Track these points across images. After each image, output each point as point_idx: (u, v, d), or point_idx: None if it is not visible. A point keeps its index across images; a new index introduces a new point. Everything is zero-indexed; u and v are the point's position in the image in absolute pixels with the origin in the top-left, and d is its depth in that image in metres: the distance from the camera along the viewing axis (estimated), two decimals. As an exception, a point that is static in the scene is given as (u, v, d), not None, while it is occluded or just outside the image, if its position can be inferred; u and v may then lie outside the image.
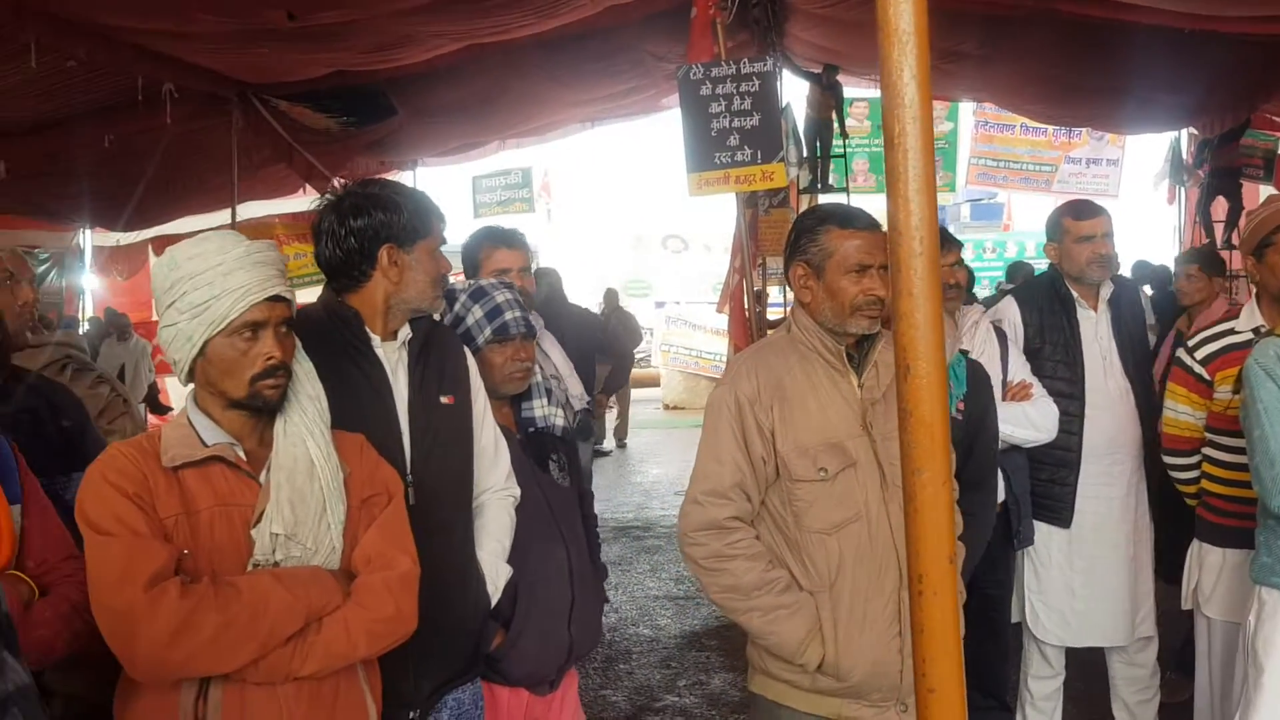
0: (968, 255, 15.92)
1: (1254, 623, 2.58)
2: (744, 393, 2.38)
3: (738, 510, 2.35)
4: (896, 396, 1.19)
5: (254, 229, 9.16)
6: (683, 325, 16.98)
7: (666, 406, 16.84)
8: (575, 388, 3.73)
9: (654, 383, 17.90)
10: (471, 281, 2.70)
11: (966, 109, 13.42)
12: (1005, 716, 3.64)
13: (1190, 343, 3.18)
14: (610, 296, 13.46)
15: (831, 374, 2.39)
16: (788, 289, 2.96)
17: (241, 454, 1.91)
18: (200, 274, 1.86)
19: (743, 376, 2.42)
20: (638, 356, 19.71)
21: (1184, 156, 10.82)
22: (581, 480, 2.91)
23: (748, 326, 6.24)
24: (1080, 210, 3.66)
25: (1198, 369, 3.12)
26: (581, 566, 2.64)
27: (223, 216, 9.05)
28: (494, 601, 2.38)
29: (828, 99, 9.81)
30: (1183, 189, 11.08)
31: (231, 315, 1.87)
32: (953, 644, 1.14)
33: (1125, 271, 10.72)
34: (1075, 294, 3.64)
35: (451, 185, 14.69)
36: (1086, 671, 4.12)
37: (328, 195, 2.37)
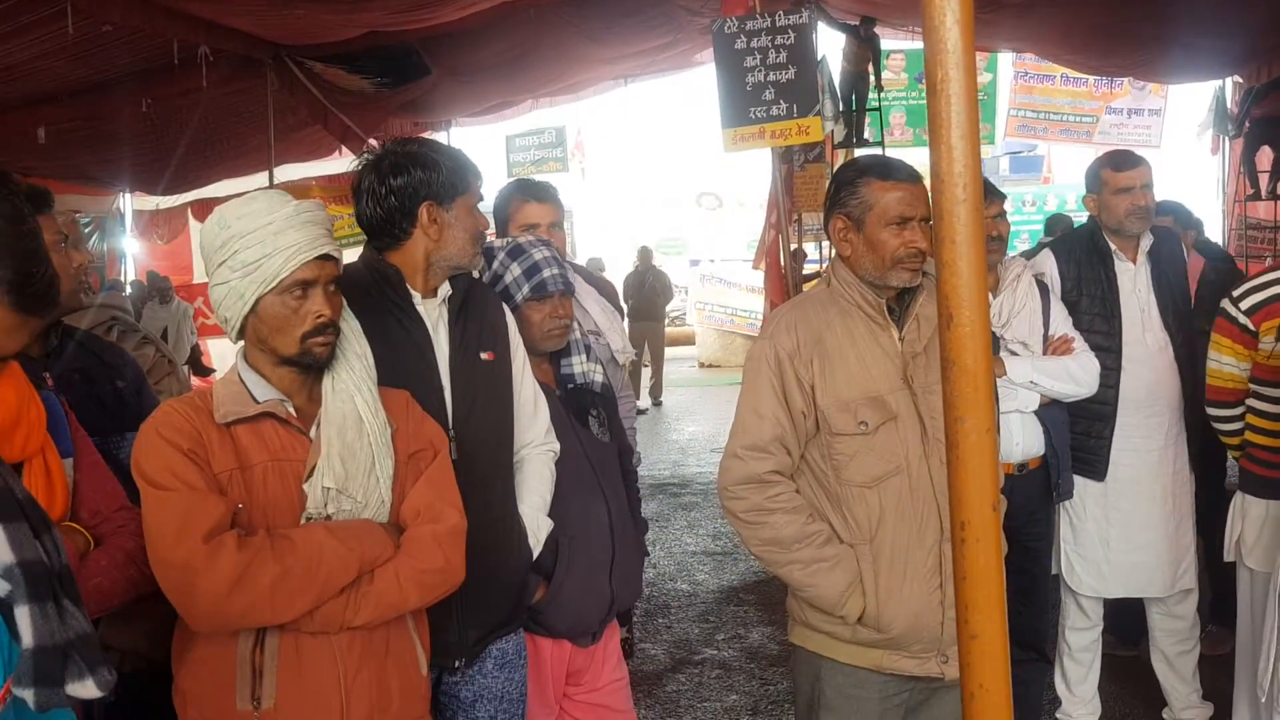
0: (1008, 208, 15.71)
1: None
2: (784, 347, 2.38)
3: (778, 464, 2.37)
4: (939, 345, 1.19)
5: (292, 191, 9.21)
6: (717, 283, 16.94)
7: (702, 364, 16.85)
8: (617, 342, 3.73)
9: (689, 341, 17.90)
10: (509, 239, 2.71)
11: (1005, 60, 13.20)
12: (1044, 668, 3.65)
13: (1235, 293, 3.14)
14: (644, 254, 13.44)
15: (872, 327, 2.39)
16: (823, 245, 2.96)
17: (292, 410, 1.95)
18: (251, 232, 1.89)
19: (782, 331, 2.42)
20: (673, 315, 19.72)
21: (1228, 105, 10.58)
22: (622, 435, 2.93)
23: (784, 283, 6.22)
24: (1119, 161, 3.61)
25: (1242, 319, 3.09)
26: (622, 520, 2.67)
27: (260, 179, 9.12)
28: (535, 554, 2.41)
29: (864, 51, 9.68)
30: (1227, 139, 10.85)
31: (283, 273, 1.90)
32: (995, 591, 1.15)
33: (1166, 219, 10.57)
34: (1114, 246, 3.60)
35: (485, 145, 14.67)
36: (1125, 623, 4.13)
37: (366, 154, 2.39)
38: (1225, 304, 3.17)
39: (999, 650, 1.15)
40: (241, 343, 2.00)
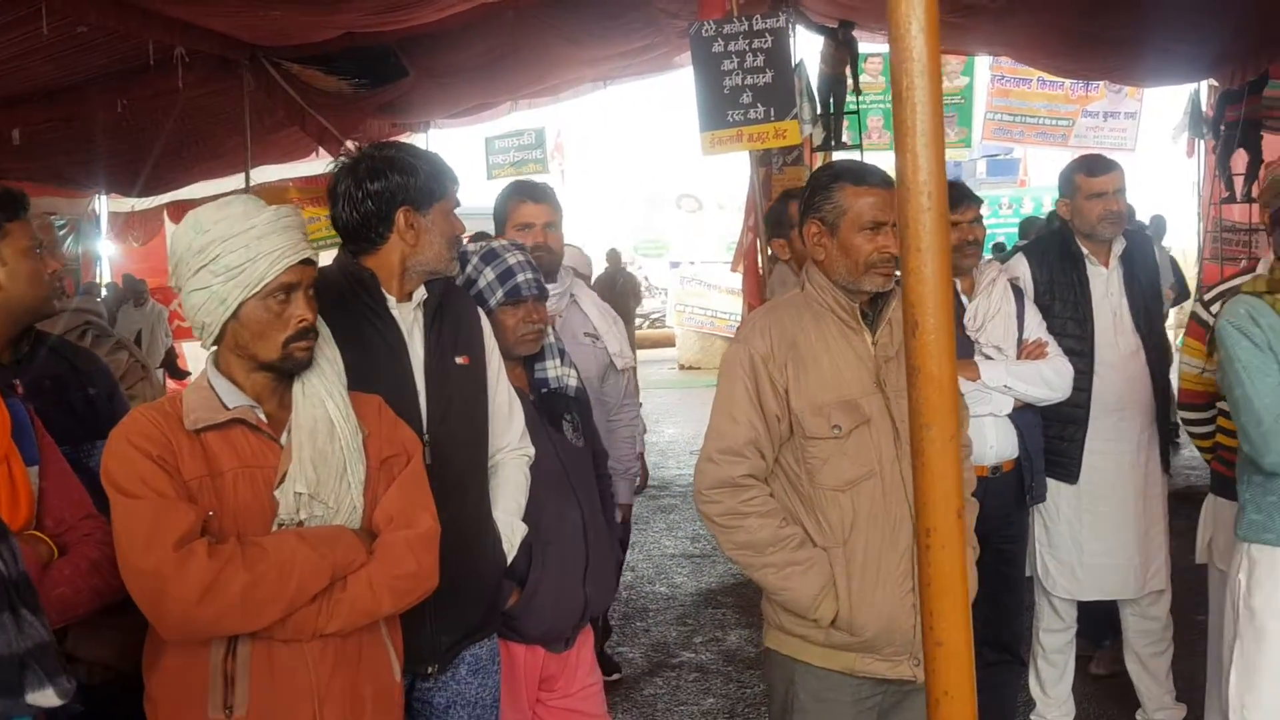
0: (984, 211, 15.81)
1: (1245, 581, 2.58)
2: (758, 351, 2.39)
3: (752, 468, 2.37)
4: (905, 353, 1.20)
5: (269, 193, 9.19)
6: (697, 285, 16.96)
7: (682, 366, 16.86)
8: (615, 345, 3.74)
9: (669, 343, 17.91)
10: (483, 244, 2.71)
11: (983, 64, 13.27)
12: (1019, 669, 3.67)
13: (1206, 296, 3.17)
14: (613, 256, 13.44)
15: (845, 331, 2.40)
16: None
17: (262, 416, 1.94)
18: (234, 236, 1.89)
19: (757, 334, 2.43)
20: (652, 316, 19.70)
21: (1203, 109, 10.68)
22: (596, 440, 2.94)
23: (761, 285, 6.23)
24: (1093, 166, 3.64)
25: (1213, 322, 3.12)
26: (595, 525, 2.67)
27: (236, 181, 9.08)
28: (510, 560, 2.41)
29: (842, 55, 9.72)
30: (1202, 142, 10.96)
31: (268, 277, 1.89)
32: (960, 598, 1.16)
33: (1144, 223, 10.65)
34: (1086, 250, 3.64)
35: (465, 147, 14.65)
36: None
37: (342, 158, 2.38)
38: (1196, 307, 3.20)
39: (964, 656, 1.16)
40: (211, 349, 1.99)
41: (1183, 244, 12.91)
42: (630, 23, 9.06)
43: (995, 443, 3.46)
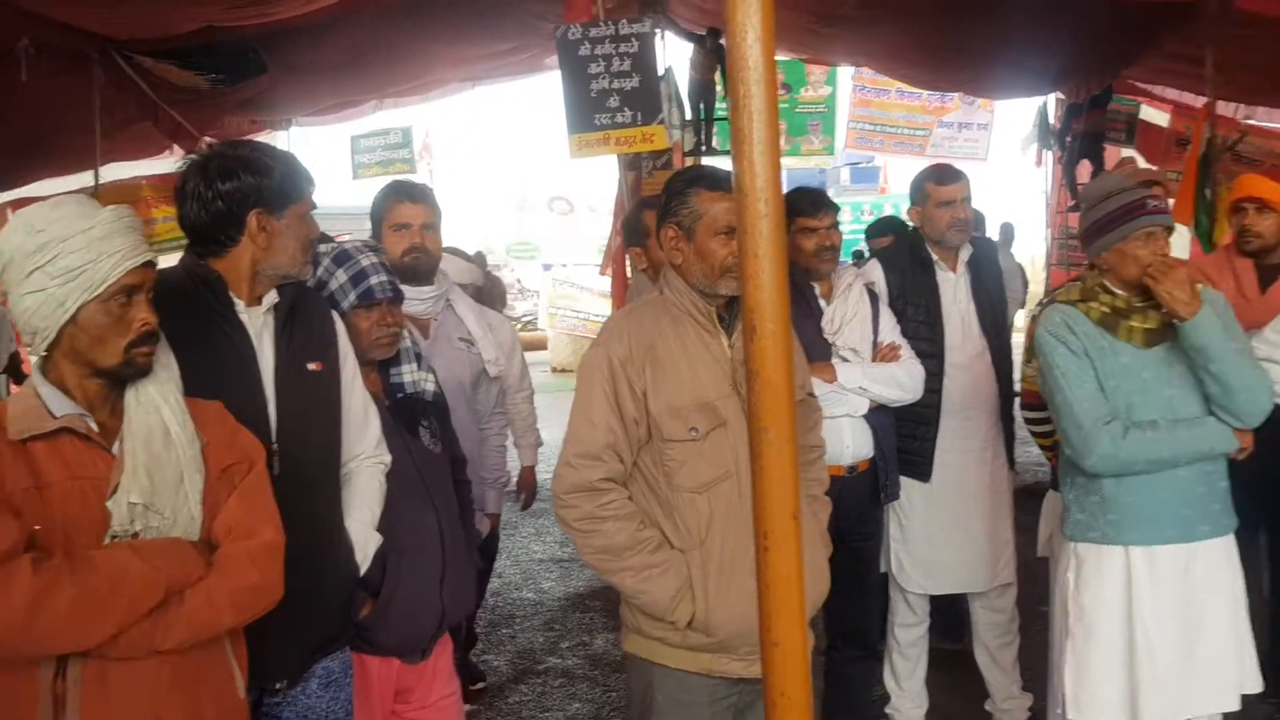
0: (846, 218, 16.22)
1: (1074, 579, 2.70)
2: (617, 354, 2.40)
3: (610, 471, 2.38)
4: (745, 357, 1.21)
5: (120, 191, 8.78)
6: (570, 288, 16.95)
7: (554, 369, 16.82)
8: (489, 351, 3.72)
9: (541, 345, 17.84)
10: (334, 245, 2.65)
11: (845, 74, 13.59)
12: (874, 664, 3.77)
13: (1044, 301, 3.32)
14: (479, 259, 13.31)
15: (702, 335, 2.43)
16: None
17: (93, 425, 1.85)
18: (72, 237, 1.80)
19: (615, 338, 2.43)
20: (525, 319, 19.57)
21: (1051, 121, 11.17)
22: (455, 446, 2.90)
23: (629, 289, 6.26)
24: (941, 175, 3.77)
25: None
26: (453, 533, 2.63)
27: (85, 179, 8.65)
28: (363, 570, 2.36)
29: (711, 61, 9.83)
30: (1049, 153, 11.46)
31: (110, 279, 1.81)
32: (797, 599, 1.17)
33: (993, 233, 11.10)
34: (935, 256, 3.77)
35: (330, 146, 14.30)
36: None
37: (192, 156, 2.30)
38: (1036, 310, 3.34)
39: (800, 658, 1.18)
40: (36, 356, 1.89)
41: (1031, 251, 13.49)
42: (499, 23, 8.98)
43: (851, 443, 3.54)
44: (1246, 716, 2.82)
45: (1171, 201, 9.43)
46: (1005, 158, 13.74)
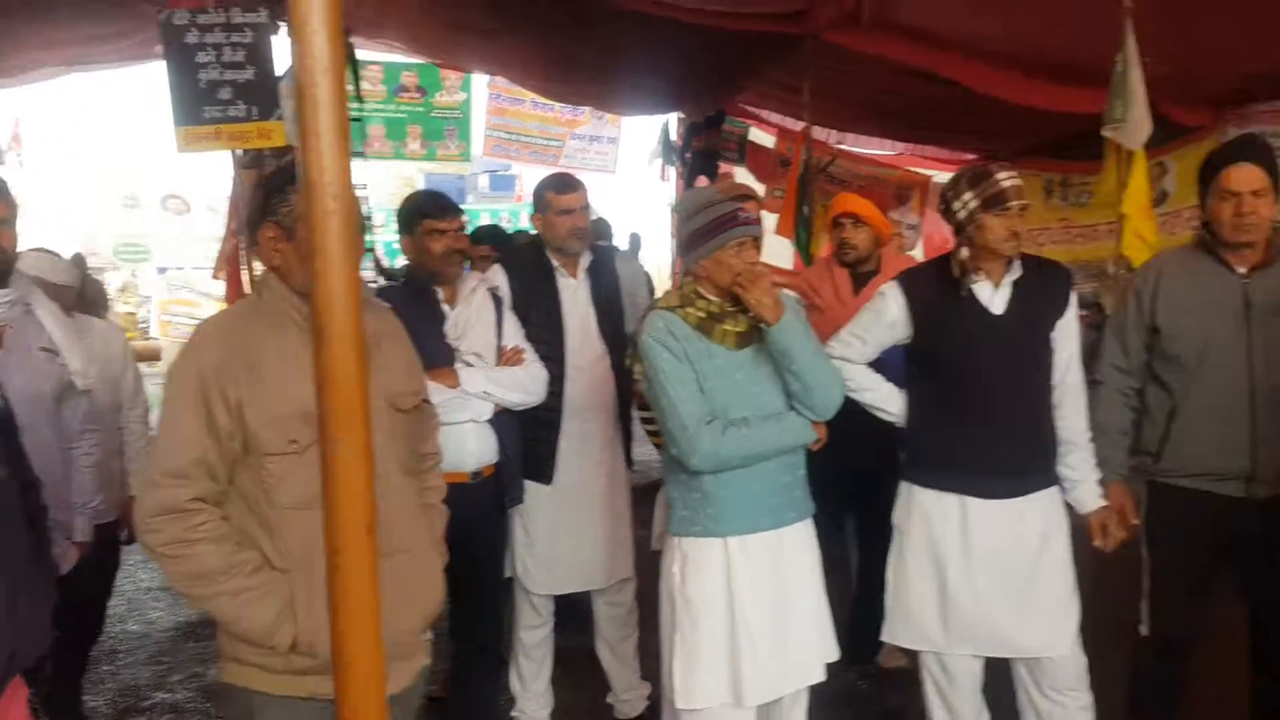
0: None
1: (680, 573, 2.84)
2: (208, 363, 2.21)
3: (200, 490, 2.19)
4: (315, 362, 1.13)
5: None
6: (187, 292, 15.75)
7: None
8: (76, 362, 3.35)
9: (155, 356, 16.44)
10: None
11: (481, 81, 13.66)
12: (499, 669, 3.78)
13: (647, 307, 3.46)
14: (78, 260, 12.13)
15: (305, 341, 2.29)
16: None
17: None
18: None
19: (207, 345, 2.25)
20: (141, 325, 17.95)
21: (673, 138, 11.81)
22: (26, 469, 2.56)
23: (243, 293, 5.90)
24: (561, 184, 3.86)
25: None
26: (23, 568, 2.32)
27: None
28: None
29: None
30: (673, 168, 12.12)
31: None
32: (371, 617, 1.12)
33: (623, 242, 11.56)
34: (556, 263, 3.84)
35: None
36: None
37: None
38: (641, 316, 3.48)
39: (375, 679, 1.12)
40: None
41: (657, 260, 14.21)
42: (96, 4, 8.17)
43: (476, 448, 3.53)
44: (833, 687, 3.08)
45: (777, 216, 10.29)
46: (634, 171, 14.38)
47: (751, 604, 2.79)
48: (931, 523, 3.12)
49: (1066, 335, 3.13)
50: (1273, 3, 6.11)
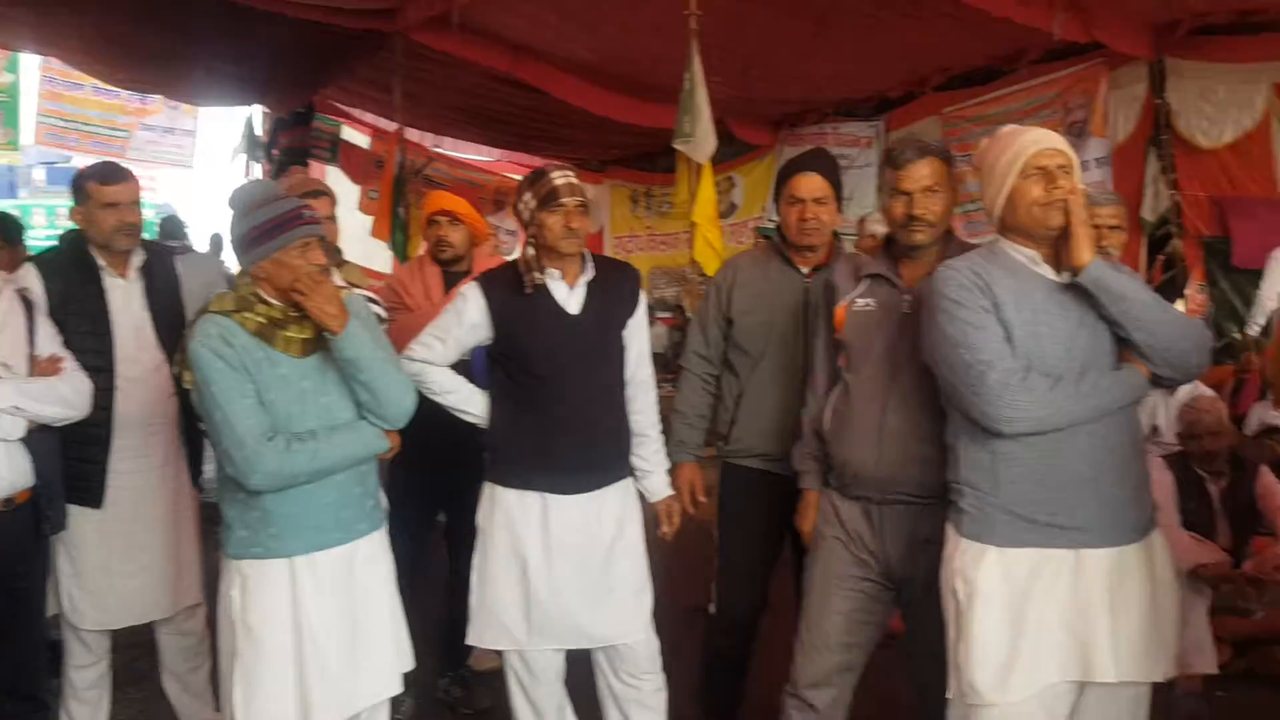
0: (40, 222, 14.59)
1: (240, 598, 2.66)
2: None
3: None
4: None
5: None
6: None
7: None
8: None
9: None
10: None
11: (32, 61, 12.26)
12: (44, 714, 3.37)
13: (199, 310, 3.23)
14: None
15: None
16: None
17: None
18: None
19: None
20: None
21: (258, 133, 11.22)
22: None
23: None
24: (106, 175, 3.50)
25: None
26: None
27: None
28: None
29: None
30: (258, 164, 11.51)
31: None
32: None
33: (202, 243, 10.83)
34: (102, 262, 3.49)
35: None
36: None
37: None
38: (191, 320, 3.24)
39: None
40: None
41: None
42: None
43: (6, 472, 3.15)
44: (426, 695, 3.01)
45: (372, 219, 10.08)
46: (216, 167, 13.54)
47: (320, 626, 2.67)
48: (514, 522, 3.15)
49: (637, 332, 3.28)
50: (815, 41, 6.87)
